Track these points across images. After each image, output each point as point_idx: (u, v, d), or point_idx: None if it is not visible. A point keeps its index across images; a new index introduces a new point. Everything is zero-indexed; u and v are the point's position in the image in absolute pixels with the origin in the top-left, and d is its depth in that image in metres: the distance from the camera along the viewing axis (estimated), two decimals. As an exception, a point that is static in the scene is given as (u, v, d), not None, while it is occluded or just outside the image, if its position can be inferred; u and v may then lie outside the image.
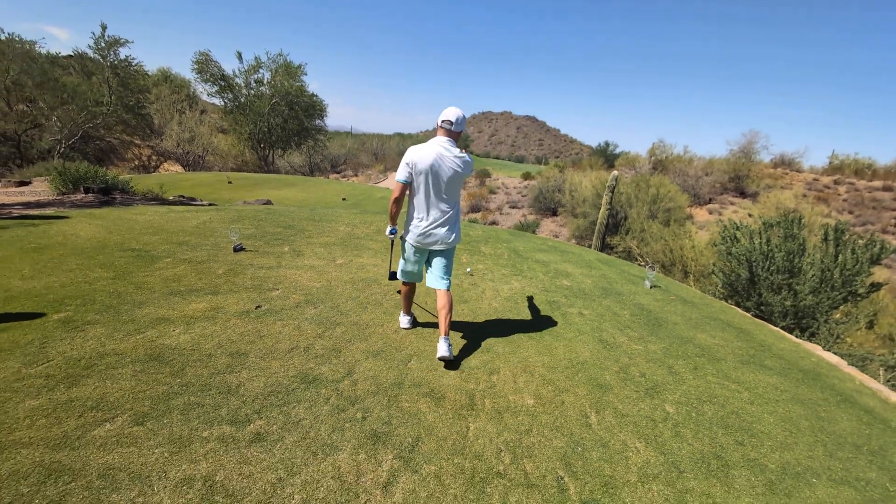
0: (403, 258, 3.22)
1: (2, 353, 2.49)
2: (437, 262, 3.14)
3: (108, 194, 7.73)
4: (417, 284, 3.47)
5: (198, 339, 2.90)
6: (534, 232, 17.38)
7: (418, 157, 2.86)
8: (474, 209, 21.84)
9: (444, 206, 2.98)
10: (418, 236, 3.02)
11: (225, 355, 2.76)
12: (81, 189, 7.83)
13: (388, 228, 3.15)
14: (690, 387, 3.17)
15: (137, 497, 1.73)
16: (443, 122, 2.89)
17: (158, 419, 2.15)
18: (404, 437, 2.26)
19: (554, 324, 3.96)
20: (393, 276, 3.45)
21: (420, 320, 3.65)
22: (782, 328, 6.24)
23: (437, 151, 2.86)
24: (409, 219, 3.07)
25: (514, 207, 22.74)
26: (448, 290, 3.11)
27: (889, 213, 17.66)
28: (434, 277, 3.16)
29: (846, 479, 2.42)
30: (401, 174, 2.90)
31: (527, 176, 29.94)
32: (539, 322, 3.96)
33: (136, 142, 25.91)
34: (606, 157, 34.71)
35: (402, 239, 3.19)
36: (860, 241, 6.44)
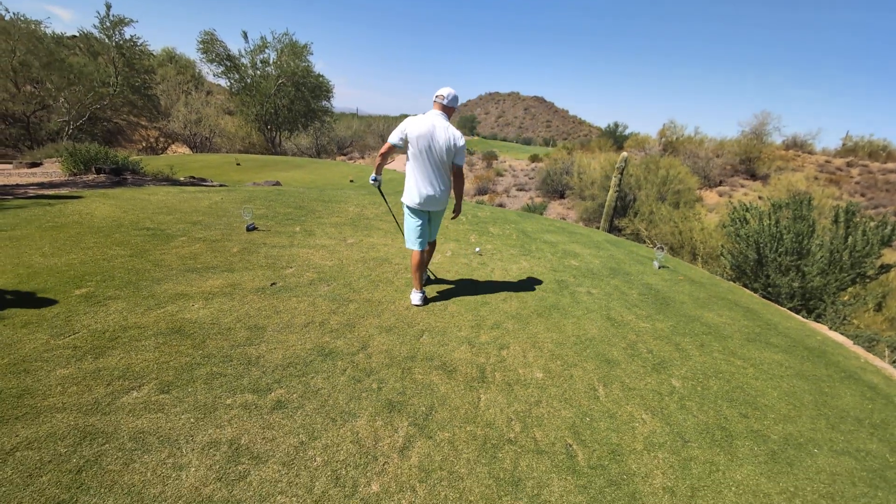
0: (408, 227, 3.49)
1: (30, 326, 2.59)
2: (431, 223, 3.57)
3: (120, 175, 7.81)
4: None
5: (217, 314, 2.99)
6: (541, 214, 17.34)
7: (414, 125, 3.17)
8: (481, 192, 21.73)
9: (437, 171, 3.27)
10: (419, 201, 3.31)
11: (244, 329, 2.85)
12: (93, 170, 7.91)
13: (371, 176, 3.50)
14: (697, 362, 3.23)
15: (167, 458, 1.83)
16: (436, 97, 3.26)
17: (183, 388, 2.25)
18: (418, 406, 2.35)
19: (563, 302, 4.01)
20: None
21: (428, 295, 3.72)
22: (789, 309, 6.25)
23: (432, 122, 3.17)
24: (410, 184, 3.34)
25: (521, 190, 22.60)
26: (434, 240, 3.71)
27: (903, 196, 17.36)
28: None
29: (847, 450, 2.48)
30: (393, 137, 3.22)
31: (534, 158, 29.65)
32: (547, 300, 4.01)
33: (143, 123, 25.86)
34: (616, 138, 34.18)
35: (406, 207, 3.45)
36: (871, 223, 6.38)
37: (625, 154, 12.31)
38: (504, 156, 33.12)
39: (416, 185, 3.28)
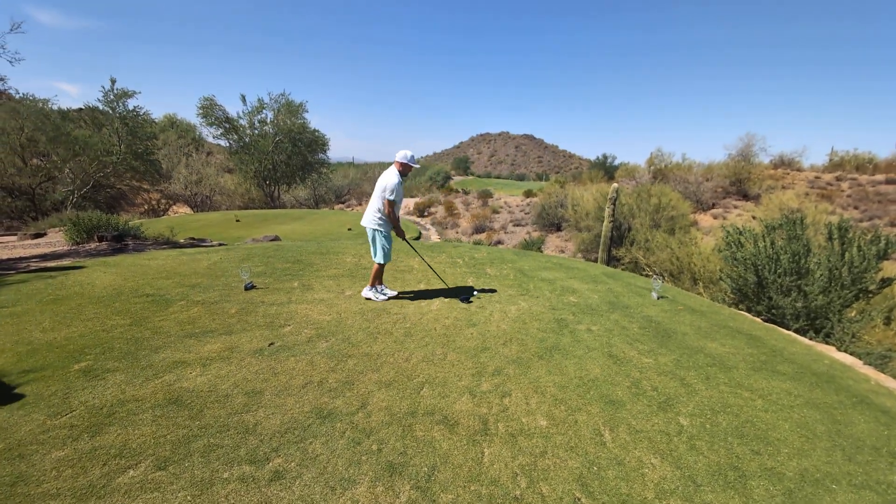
0: (389, 245, 4.69)
1: (27, 406, 2.58)
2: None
3: (121, 241, 7.96)
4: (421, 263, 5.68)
5: (214, 381, 2.97)
6: (539, 248, 17.43)
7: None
8: (478, 230, 21.97)
9: (371, 202, 4.68)
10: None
11: (241, 395, 2.83)
12: (95, 237, 8.07)
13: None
14: (703, 397, 3.17)
15: (163, 542, 1.78)
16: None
17: (180, 463, 2.21)
18: (420, 466, 2.29)
19: (563, 342, 3.99)
20: (466, 299, 5.01)
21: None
22: (796, 330, 6.17)
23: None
24: (393, 217, 4.59)
25: (518, 225, 22.85)
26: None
27: (895, 206, 17.52)
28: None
29: (867, 484, 2.39)
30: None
31: (528, 193, 30.16)
32: (548, 341, 3.99)
33: (145, 187, 26.62)
34: (606, 169, 34.93)
35: (389, 237, 4.67)
36: (865, 238, 6.42)
37: (615, 185, 12.56)
38: (499, 193, 33.72)
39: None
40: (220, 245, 8.55)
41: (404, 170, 4.58)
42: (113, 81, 20.82)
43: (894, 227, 15.45)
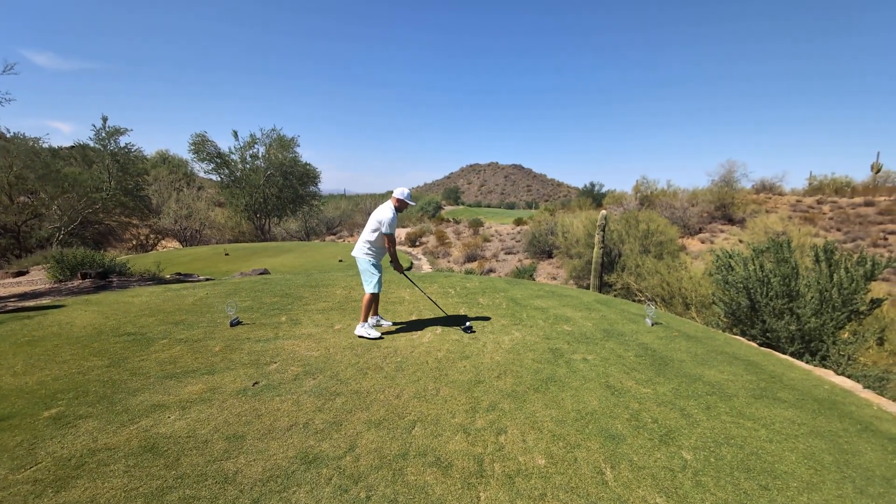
0: (379, 274, 4.56)
1: (-11, 460, 2.40)
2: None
3: (105, 278, 7.77)
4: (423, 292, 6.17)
5: (193, 425, 2.81)
6: (531, 276, 17.42)
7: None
8: (470, 259, 21.96)
9: (363, 233, 4.64)
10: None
11: (221, 440, 2.67)
12: (79, 275, 7.88)
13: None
14: (705, 429, 3.06)
15: None
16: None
17: (152, 519, 2.04)
18: (412, 514, 2.14)
19: (559, 373, 3.88)
20: (469, 329, 4.89)
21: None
22: (791, 354, 6.12)
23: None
24: (382, 251, 4.61)
25: (509, 253, 22.91)
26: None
27: (876, 227, 17.90)
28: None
29: (882, 518, 2.28)
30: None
31: (519, 221, 30.45)
32: (543, 372, 3.88)
33: (134, 222, 26.41)
34: (594, 196, 35.58)
35: (379, 266, 4.58)
36: (851, 259, 6.49)
37: (604, 212, 12.72)
38: (489, 221, 34.02)
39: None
40: (208, 280, 8.39)
41: (400, 206, 4.60)
42: (105, 119, 21.02)
43: (877, 248, 15.74)
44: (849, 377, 4.89)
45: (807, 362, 5.52)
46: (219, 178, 30.05)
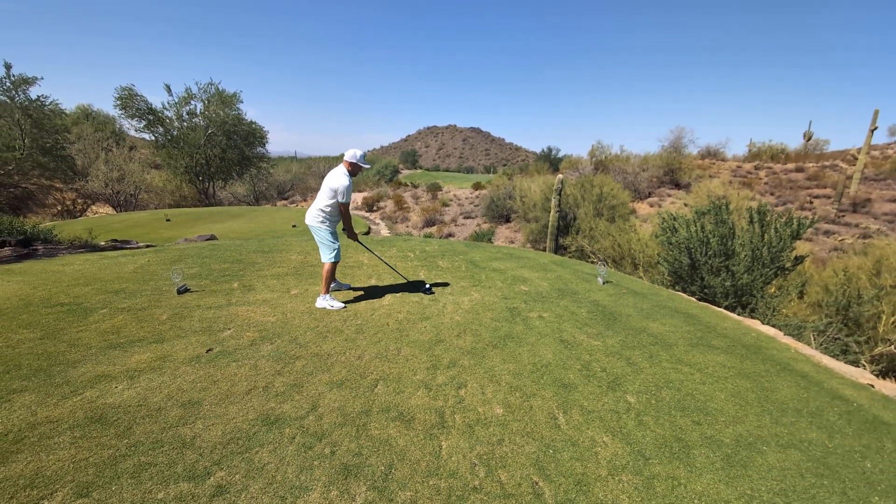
0: (337, 243, 4.42)
1: None
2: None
3: (29, 246, 7.07)
4: (390, 271, 4.77)
5: (144, 394, 2.70)
6: (490, 240, 17.69)
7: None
8: (429, 223, 21.92)
9: (317, 200, 4.47)
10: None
11: (176, 406, 2.58)
12: (-4, 243, 7.10)
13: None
14: (648, 375, 3.32)
15: (85, 579, 1.57)
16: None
17: (105, 487, 1.97)
18: (376, 466, 2.21)
19: (516, 330, 4.03)
20: (428, 290, 5.02)
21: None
22: (726, 307, 6.69)
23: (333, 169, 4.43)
24: (337, 218, 4.46)
25: (468, 218, 23.06)
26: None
27: (804, 192, 19.56)
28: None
29: (792, 443, 2.62)
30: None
31: (477, 186, 30.51)
32: (501, 330, 4.02)
33: (58, 185, 23.89)
34: (551, 161, 36.12)
35: (335, 234, 4.44)
36: (780, 220, 7.08)
37: (560, 176, 12.98)
38: (448, 186, 33.83)
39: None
40: (148, 247, 7.85)
41: (354, 169, 4.36)
42: (8, 67, 18.41)
43: (803, 210, 17.23)
44: (773, 326, 5.44)
45: (738, 314, 6.07)
46: (153, 138, 27.58)
